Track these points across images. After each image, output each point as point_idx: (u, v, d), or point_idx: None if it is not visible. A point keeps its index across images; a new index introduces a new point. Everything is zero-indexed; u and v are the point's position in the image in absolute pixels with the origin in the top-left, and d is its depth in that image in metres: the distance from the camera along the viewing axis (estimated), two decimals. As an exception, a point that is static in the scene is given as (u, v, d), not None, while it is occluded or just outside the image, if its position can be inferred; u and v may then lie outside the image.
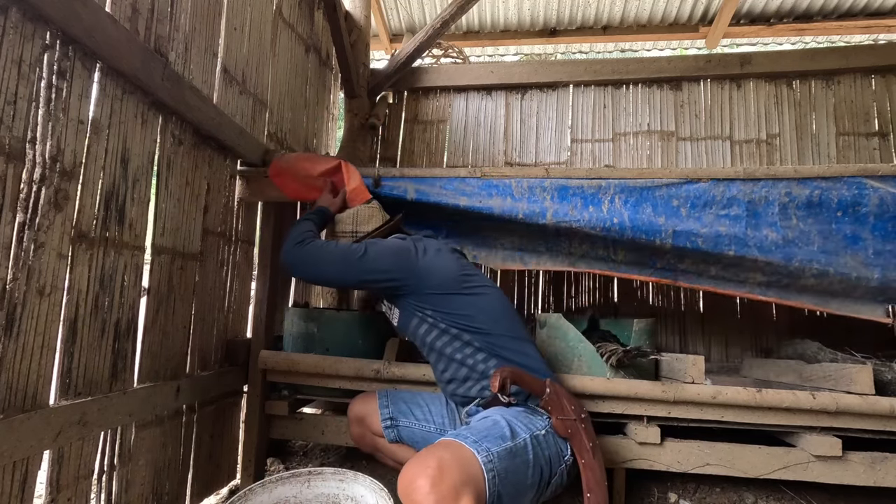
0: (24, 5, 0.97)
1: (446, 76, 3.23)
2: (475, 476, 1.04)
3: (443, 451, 1.06)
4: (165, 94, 1.36)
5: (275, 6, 2.15)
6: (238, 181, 1.87)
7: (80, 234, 1.13)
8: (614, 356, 1.55)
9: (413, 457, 1.08)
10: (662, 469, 1.60)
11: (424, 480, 0.99)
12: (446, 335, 1.40)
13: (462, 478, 1.01)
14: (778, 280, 1.68)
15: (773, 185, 1.65)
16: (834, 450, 1.50)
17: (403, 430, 1.50)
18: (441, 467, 1.00)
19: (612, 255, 1.80)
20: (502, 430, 1.17)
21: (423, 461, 1.03)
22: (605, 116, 3.11)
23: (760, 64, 2.95)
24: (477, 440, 1.11)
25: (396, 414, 1.51)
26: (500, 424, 1.19)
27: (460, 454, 1.06)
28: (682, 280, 1.79)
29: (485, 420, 1.24)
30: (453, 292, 1.41)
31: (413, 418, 1.50)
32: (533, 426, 1.23)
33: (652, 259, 1.79)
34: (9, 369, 0.96)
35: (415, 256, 1.44)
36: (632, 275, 1.81)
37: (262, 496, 1.30)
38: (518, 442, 1.17)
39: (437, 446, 1.10)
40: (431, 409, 1.52)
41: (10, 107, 0.96)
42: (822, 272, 1.59)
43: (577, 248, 1.81)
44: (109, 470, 1.24)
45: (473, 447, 1.08)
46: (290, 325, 1.90)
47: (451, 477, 0.99)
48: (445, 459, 1.02)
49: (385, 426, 1.50)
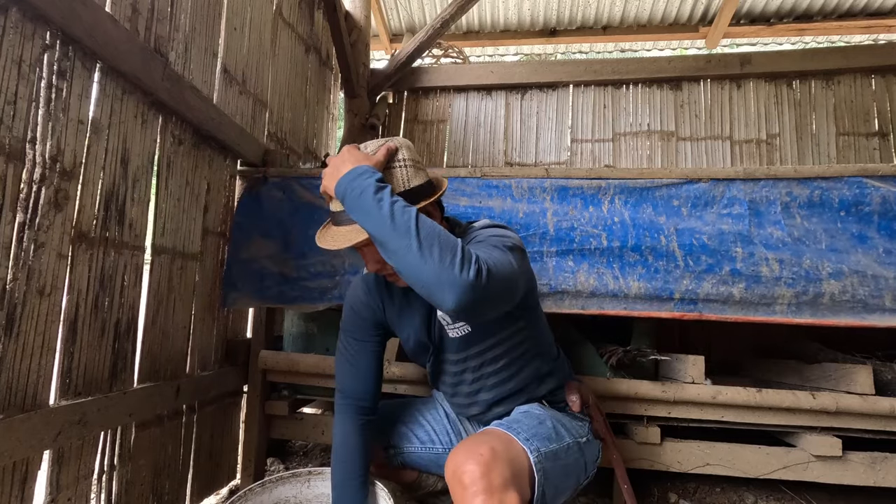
0: (24, 5, 0.97)
1: (446, 76, 3.23)
2: (523, 473, 1.01)
3: (496, 440, 1.02)
4: (165, 94, 1.36)
5: (275, 6, 2.15)
6: (238, 181, 1.87)
7: (80, 234, 1.13)
8: (614, 356, 1.55)
9: (461, 443, 1.04)
10: (662, 469, 1.60)
11: (475, 465, 0.94)
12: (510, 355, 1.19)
13: (512, 471, 0.98)
14: (805, 290, 1.57)
15: (774, 185, 1.64)
16: (834, 450, 1.50)
17: (408, 457, 1.41)
18: (494, 456, 0.96)
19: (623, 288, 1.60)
20: (549, 431, 1.14)
21: (475, 448, 0.98)
22: (605, 116, 3.11)
23: (760, 64, 2.95)
24: (528, 437, 1.07)
25: (397, 441, 1.41)
26: (547, 425, 1.16)
27: (512, 447, 1.03)
28: (707, 312, 1.58)
29: (530, 415, 1.18)
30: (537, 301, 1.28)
31: (418, 442, 1.40)
32: (576, 431, 1.21)
33: (667, 285, 1.59)
34: (9, 369, 0.96)
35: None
36: (651, 312, 1.59)
37: (262, 496, 1.30)
38: (563, 445, 1.14)
39: (489, 434, 1.07)
40: (435, 426, 1.41)
41: (10, 107, 0.96)
42: (837, 270, 1.56)
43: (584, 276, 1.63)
44: (109, 470, 1.24)
45: (525, 444, 1.05)
46: (290, 325, 1.90)
47: (502, 468, 0.96)
48: (498, 450, 0.99)
49: (388, 455, 1.43)
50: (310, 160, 2.60)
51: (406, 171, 1.02)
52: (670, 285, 1.58)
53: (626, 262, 1.61)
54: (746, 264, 1.58)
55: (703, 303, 1.59)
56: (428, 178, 1.06)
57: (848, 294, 1.55)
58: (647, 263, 1.60)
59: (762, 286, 1.57)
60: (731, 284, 1.58)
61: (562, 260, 1.64)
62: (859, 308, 1.57)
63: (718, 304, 1.59)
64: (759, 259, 1.58)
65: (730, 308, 1.59)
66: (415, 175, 1.03)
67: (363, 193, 0.89)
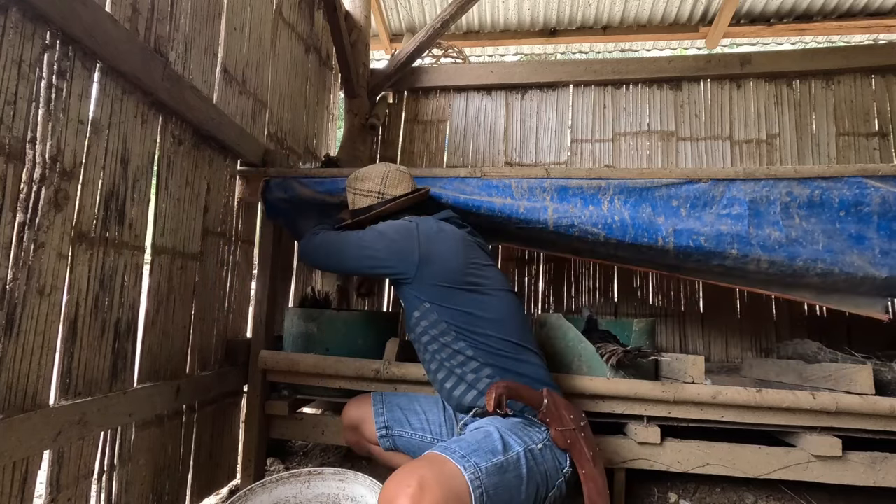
0: (24, 5, 0.97)
1: (446, 76, 3.23)
2: (460, 493, 1.00)
3: (426, 467, 1.02)
4: (165, 94, 1.36)
5: (275, 6, 2.15)
6: (238, 181, 1.87)
7: (80, 234, 1.13)
8: (614, 356, 1.55)
9: (394, 473, 1.04)
10: (662, 469, 1.60)
11: (404, 500, 0.95)
12: (437, 342, 1.34)
13: (445, 495, 0.97)
14: (781, 279, 1.68)
15: (774, 185, 1.64)
16: (834, 450, 1.50)
17: (399, 440, 1.45)
18: (421, 486, 0.96)
19: (612, 253, 1.83)
20: (494, 444, 1.12)
21: (403, 479, 0.99)
22: (605, 116, 3.11)
23: (760, 64, 2.95)
24: (465, 455, 1.06)
25: (392, 423, 1.46)
26: (493, 437, 1.14)
27: (444, 470, 1.02)
28: (684, 273, 1.85)
29: (476, 432, 1.19)
30: (456, 286, 1.32)
31: (409, 427, 1.45)
32: (529, 439, 1.18)
33: (654, 261, 1.82)
34: (9, 369, 0.96)
35: (415, 242, 1.34)
36: (634, 266, 1.91)
37: (262, 496, 1.30)
38: (510, 456, 1.11)
39: (421, 462, 1.06)
40: (429, 416, 1.46)
41: (10, 107, 0.96)
42: (826, 271, 1.57)
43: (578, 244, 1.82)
44: (109, 470, 1.24)
45: (460, 463, 1.04)
46: (290, 325, 1.90)
47: (433, 496, 0.95)
48: (427, 477, 0.98)
49: (380, 435, 1.45)
50: (310, 160, 2.60)
51: (353, 197, 1.60)
52: (656, 260, 1.81)
53: (621, 248, 1.75)
54: (736, 262, 1.65)
55: (684, 270, 1.85)
56: (372, 201, 1.54)
57: (825, 285, 1.67)
58: (641, 252, 1.75)
59: (743, 272, 1.72)
60: (714, 268, 1.74)
61: (559, 238, 1.76)
62: (829, 290, 1.70)
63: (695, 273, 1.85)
64: (751, 260, 1.63)
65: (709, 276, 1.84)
66: (360, 200, 1.57)
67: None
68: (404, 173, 1.59)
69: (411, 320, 1.40)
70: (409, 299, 1.39)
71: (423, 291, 1.35)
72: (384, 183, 1.54)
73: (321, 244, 1.54)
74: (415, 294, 1.36)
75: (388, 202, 1.52)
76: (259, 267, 1.97)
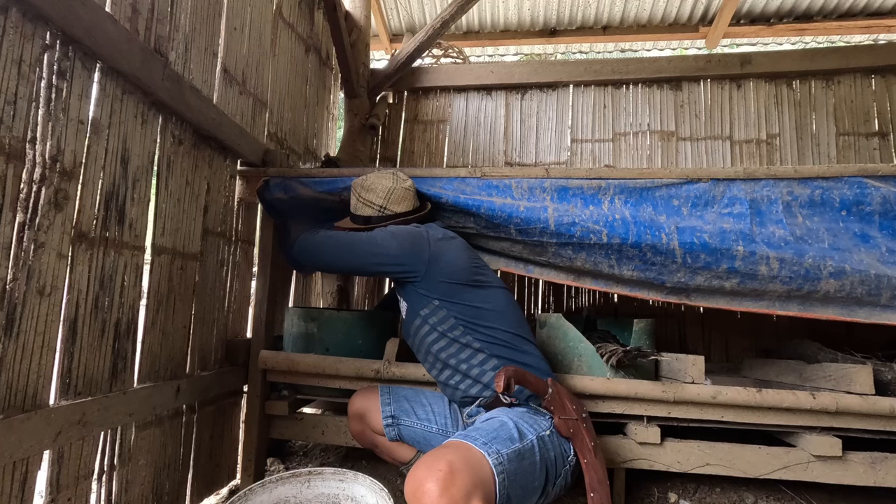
0: (24, 5, 0.97)
1: (446, 76, 3.23)
2: (486, 479, 1.02)
3: (452, 453, 1.04)
4: (165, 94, 1.36)
5: (275, 6, 2.15)
6: (238, 181, 1.87)
7: (80, 234, 1.13)
8: (614, 356, 1.55)
9: (421, 459, 1.05)
10: (662, 469, 1.60)
11: (434, 484, 0.96)
12: (445, 338, 1.38)
13: (473, 480, 0.99)
14: (799, 287, 1.59)
15: (775, 185, 1.64)
16: (834, 450, 1.50)
17: (405, 430, 1.48)
18: (452, 470, 0.98)
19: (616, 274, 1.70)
20: (510, 432, 1.15)
21: (433, 464, 1.00)
22: (605, 116, 3.11)
23: (760, 64, 2.95)
24: (486, 442, 1.09)
25: (398, 412, 1.49)
26: (508, 426, 1.18)
27: (470, 456, 1.04)
28: (694, 299, 1.69)
29: (491, 421, 1.22)
30: (463, 283, 1.39)
31: (415, 417, 1.48)
32: (538, 427, 1.22)
33: (660, 277, 1.67)
34: (9, 369, 0.96)
35: (425, 243, 1.42)
36: (641, 294, 1.73)
37: (262, 496, 1.30)
38: (526, 443, 1.15)
39: (447, 448, 1.07)
40: (434, 408, 1.50)
41: (10, 107, 0.96)
42: (839, 270, 1.55)
43: (580, 262, 1.71)
44: (109, 470, 1.24)
45: (483, 449, 1.06)
46: (290, 325, 1.90)
47: (462, 480, 0.97)
48: (455, 462, 1.00)
49: (386, 424, 1.48)
50: (310, 160, 2.60)
51: (356, 202, 1.63)
52: (663, 276, 1.66)
53: (625, 255, 1.66)
54: (745, 262, 1.59)
55: (694, 293, 1.69)
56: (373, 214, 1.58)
57: (844, 292, 1.57)
58: (646, 258, 1.65)
59: (756, 282, 1.60)
60: (724, 280, 1.62)
61: (560, 249, 1.70)
62: (851, 303, 1.59)
63: (707, 294, 1.68)
64: (760, 258, 1.58)
65: (721, 299, 1.67)
66: (362, 208, 1.61)
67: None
68: (409, 191, 1.62)
69: (416, 320, 1.43)
70: (416, 298, 1.42)
71: (431, 289, 1.39)
72: (388, 199, 1.58)
73: (324, 242, 1.55)
74: (422, 292, 1.40)
75: (387, 218, 1.58)
76: (259, 267, 1.97)
